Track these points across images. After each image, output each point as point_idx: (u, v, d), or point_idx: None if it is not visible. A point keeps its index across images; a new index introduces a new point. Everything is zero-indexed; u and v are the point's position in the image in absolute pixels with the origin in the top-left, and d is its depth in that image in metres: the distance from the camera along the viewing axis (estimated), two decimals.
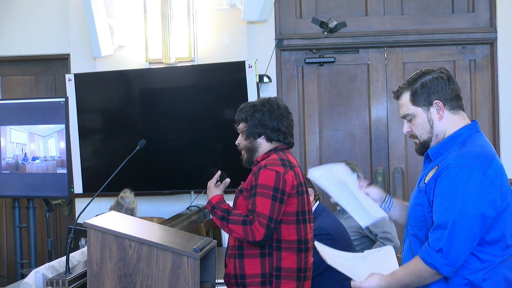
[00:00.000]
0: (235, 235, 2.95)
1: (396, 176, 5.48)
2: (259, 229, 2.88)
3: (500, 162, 2.40)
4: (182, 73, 5.15)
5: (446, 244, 2.24)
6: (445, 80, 2.44)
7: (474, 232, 2.25)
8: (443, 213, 2.27)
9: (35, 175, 4.92)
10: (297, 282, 3.00)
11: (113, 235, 2.73)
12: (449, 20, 5.47)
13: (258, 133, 3.05)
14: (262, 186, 2.92)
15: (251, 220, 2.90)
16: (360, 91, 5.54)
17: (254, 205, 2.92)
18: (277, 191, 2.92)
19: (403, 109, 2.50)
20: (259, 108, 3.06)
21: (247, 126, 3.07)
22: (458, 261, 2.25)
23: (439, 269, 2.26)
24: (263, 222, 2.88)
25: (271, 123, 3.04)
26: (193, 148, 5.10)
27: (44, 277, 2.81)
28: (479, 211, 2.25)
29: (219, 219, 2.99)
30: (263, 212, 2.89)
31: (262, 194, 2.91)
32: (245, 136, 3.09)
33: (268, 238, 2.92)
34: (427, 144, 2.47)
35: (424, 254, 2.29)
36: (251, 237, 2.90)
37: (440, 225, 2.27)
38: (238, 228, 2.92)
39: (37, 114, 4.93)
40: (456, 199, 2.26)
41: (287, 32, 5.53)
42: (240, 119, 3.10)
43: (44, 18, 5.63)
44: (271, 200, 2.90)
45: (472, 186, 2.26)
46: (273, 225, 2.90)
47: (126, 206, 4.25)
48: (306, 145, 5.55)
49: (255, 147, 3.07)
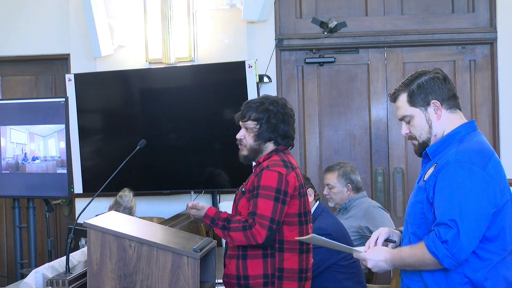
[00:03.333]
0: (238, 243, 2.93)
1: (396, 176, 5.48)
2: (260, 232, 2.87)
3: (498, 159, 2.41)
4: (182, 73, 5.15)
5: (452, 238, 2.24)
6: (441, 80, 2.47)
7: (478, 228, 2.27)
8: (446, 209, 2.28)
9: (35, 175, 4.92)
10: (298, 282, 3.00)
11: (113, 235, 2.73)
12: (449, 20, 5.47)
13: (269, 138, 3.04)
14: (265, 187, 2.91)
15: (251, 224, 2.89)
16: (360, 91, 5.54)
17: (255, 206, 2.90)
18: (280, 192, 2.91)
19: (401, 111, 2.51)
20: (275, 112, 3.03)
21: (260, 129, 3.03)
22: (462, 256, 2.26)
23: (440, 260, 2.27)
24: (264, 223, 2.87)
25: (283, 129, 3.04)
26: (193, 148, 5.10)
27: (44, 277, 2.81)
28: (481, 206, 2.27)
29: (221, 229, 2.96)
30: (265, 214, 2.88)
31: (264, 196, 2.90)
32: (254, 137, 3.05)
33: (271, 240, 2.90)
34: (426, 145, 2.49)
35: (430, 242, 2.29)
36: (253, 240, 2.88)
37: (444, 220, 2.27)
38: (239, 234, 2.90)
39: (37, 114, 4.93)
40: (458, 195, 2.27)
41: (287, 32, 5.53)
42: (250, 117, 3.05)
43: (44, 18, 5.63)
44: (273, 202, 2.89)
45: (473, 182, 2.28)
46: (275, 226, 2.89)
47: (124, 204, 4.24)
48: (306, 145, 5.55)
49: (261, 150, 3.06)
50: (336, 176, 4.34)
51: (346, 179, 4.33)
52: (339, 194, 4.33)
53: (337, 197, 4.34)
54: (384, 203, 5.40)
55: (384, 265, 2.42)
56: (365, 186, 5.15)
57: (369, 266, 2.45)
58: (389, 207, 5.43)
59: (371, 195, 5.39)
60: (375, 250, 2.45)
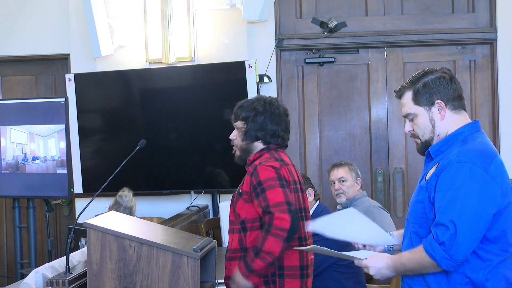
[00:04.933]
0: (278, 248, 2.78)
1: (396, 176, 5.48)
2: (283, 217, 2.78)
3: (501, 160, 2.41)
4: (182, 73, 5.16)
5: (449, 239, 2.24)
6: (447, 80, 2.46)
7: (476, 229, 2.26)
8: (445, 209, 2.28)
9: (35, 175, 4.92)
10: (301, 280, 2.98)
11: (113, 235, 2.73)
12: (449, 20, 5.47)
13: (256, 137, 3.05)
14: (266, 180, 2.89)
15: (269, 220, 2.80)
16: (360, 91, 5.54)
17: (266, 200, 2.84)
18: (281, 179, 2.90)
19: (405, 108, 2.51)
20: (261, 111, 3.04)
21: (247, 128, 3.05)
22: (460, 257, 2.26)
23: (438, 261, 2.27)
24: (283, 209, 2.80)
25: (271, 128, 3.04)
26: (193, 148, 5.10)
27: (44, 277, 2.81)
28: (481, 207, 2.26)
29: (257, 257, 2.81)
30: (279, 200, 2.82)
31: (270, 187, 2.87)
32: (242, 137, 3.07)
33: (297, 222, 2.81)
34: (428, 144, 2.48)
35: (427, 245, 2.29)
36: (281, 232, 2.77)
37: (442, 221, 2.27)
38: (269, 241, 2.78)
39: (37, 114, 4.93)
40: (458, 195, 2.27)
41: (287, 32, 5.53)
42: (239, 117, 3.08)
43: (44, 18, 5.63)
44: (281, 188, 2.86)
45: (474, 183, 2.27)
46: (293, 208, 2.83)
47: (124, 204, 4.25)
48: (306, 145, 5.55)
49: (250, 149, 3.07)
50: (348, 170, 4.36)
51: (356, 174, 4.36)
52: (352, 188, 4.33)
53: (350, 191, 4.33)
54: (384, 203, 5.40)
55: (386, 271, 2.42)
56: (365, 186, 5.15)
57: (371, 274, 2.45)
58: (389, 207, 5.43)
59: (371, 195, 5.39)
60: (376, 257, 2.45)
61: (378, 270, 2.42)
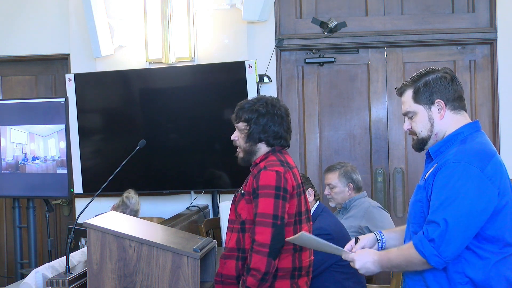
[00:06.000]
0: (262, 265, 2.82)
1: (396, 176, 5.48)
2: (264, 231, 2.83)
3: (500, 159, 2.41)
4: (182, 73, 5.16)
5: (439, 236, 2.25)
6: (449, 80, 2.47)
7: (468, 228, 2.27)
8: (438, 206, 2.29)
9: (35, 175, 4.92)
10: (291, 280, 2.99)
11: (113, 235, 2.73)
12: (449, 20, 5.47)
13: (259, 139, 3.05)
14: (263, 187, 2.90)
15: (252, 232, 2.85)
16: (360, 91, 5.54)
17: (256, 207, 2.89)
18: (279, 189, 2.90)
19: (405, 106, 2.53)
20: (264, 113, 3.03)
21: (250, 130, 3.04)
22: (449, 254, 2.26)
23: (427, 258, 2.28)
24: (267, 221, 2.85)
25: (273, 129, 3.03)
26: (193, 148, 5.10)
27: (44, 277, 2.81)
28: (474, 207, 2.27)
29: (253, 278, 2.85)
30: (266, 212, 2.86)
31: (264, 195, 2.89)
32: (245, 139, 3.07)
33: (280, 237, 2.84)
34: (425, 142, 2.50)
35: (417, 241, 2.31)
36: (261, 248, 2.82)
37: (434, 218, 2.28)
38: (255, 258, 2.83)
39: (37, 114, 4.93)
40: (453, 194, 2.28)
41: (287, 32, 5.53)
42: (241, 118, 3.08)
43: (44, 18, 5.63)
44: (273, 199, 2.88)
45: (469, 182, 2.28)
46: (280, 222, 2.85)
47: (131, 207, 4.25)
48: (306, 145, 5.55)
49: (254, 151, 3.07)
50: (337, 176, 4.34)
51: (347, 178, 4.33)
52: (341, 194, 4.33)
53: (339, 197, 4.34)
54: (384, 203, 5.40)
55: (371, 266, 2.44)
56: (365, 186, 5.15)
57: (356, 267, 2.47)
58: (389, 207, 5.43)
59: (371, 195, 5.39)
60: (364, 252, 2.48)
61: (363, 264, 2.45)
